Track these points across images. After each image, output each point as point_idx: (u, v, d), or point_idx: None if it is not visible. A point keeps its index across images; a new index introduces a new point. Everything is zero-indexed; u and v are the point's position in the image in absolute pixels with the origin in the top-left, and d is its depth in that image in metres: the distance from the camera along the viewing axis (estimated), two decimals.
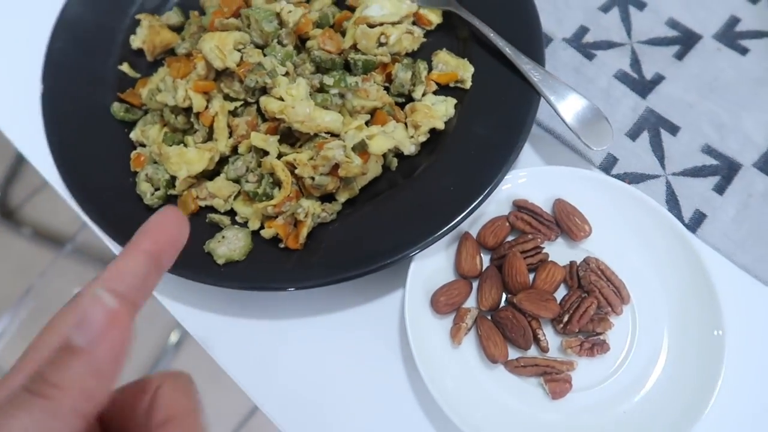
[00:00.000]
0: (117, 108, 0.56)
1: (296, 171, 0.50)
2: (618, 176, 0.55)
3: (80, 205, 0.52)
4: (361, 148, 0.50)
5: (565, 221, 0.51)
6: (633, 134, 0.57)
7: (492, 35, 0.55)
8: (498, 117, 0.53)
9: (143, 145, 0.55)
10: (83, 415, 0.22)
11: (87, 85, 0.58)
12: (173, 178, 0.52)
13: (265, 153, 0.51)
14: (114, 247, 0.53)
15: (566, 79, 0.59)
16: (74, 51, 0.58)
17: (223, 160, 0.53)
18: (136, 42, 0.59)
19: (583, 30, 0.62)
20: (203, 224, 0.52)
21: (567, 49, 0.60)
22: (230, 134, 0.53)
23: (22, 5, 0.67)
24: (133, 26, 0.60)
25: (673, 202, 0.54)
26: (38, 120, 0.56)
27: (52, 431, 0.22)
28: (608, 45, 0.61)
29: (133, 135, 0.55)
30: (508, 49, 0.54)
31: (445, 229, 0.49)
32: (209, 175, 0.53)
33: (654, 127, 0.57)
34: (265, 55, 0.53)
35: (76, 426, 0.22)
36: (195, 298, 0.53)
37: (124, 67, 0.59)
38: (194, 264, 0.49)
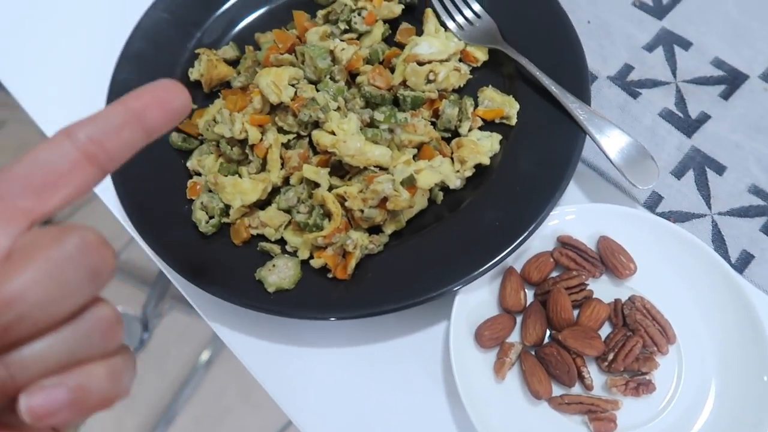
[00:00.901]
0: (175, 138, 0.59)
1: (346, 203, 0.51)
2: (663, 215, 0.56)
3: (139, 231, 0.54)
4: (409, 183, 0.51)
5: (609, 259, 0.52)
6: (678, 173, 0.57)
7: (538, 73, 0.56)
8: (543, 154, 0.54)
9: (199, 174, 0.57)
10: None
11: None
12: (227, 207, 0.54)
13: (316, 185, 0.53)
14: (171, 276, 0.55)
15: (611, 117, 0.60)
16: (137, 83, 0.61)
17: (274, 190, 0.55)
18: (194, 74, 0.62)
19: (628, 68, 0.62)
20: (255, 252, 0.54)
21: (612, 87, 0.61)
22: (282, 166, 0.55)
23: (91, 39, 0.71)
24: (192, 59, 0.63)
25: (719, 242, 0.54)
26: None
27: None
28: (653, 83, 0.61)
29: (190, 164, 0.57)
30: (553, 87, 0.55)
31: (490, 264, 0.50)
32: (261, 204, 0.55)
33: (700, 166, 0.57)
34: (318, 91, 0.56)
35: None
36: (241, 321, 0.55)
37: None
38: (245, 291, 0.51)
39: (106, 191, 0.60)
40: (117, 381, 0.24)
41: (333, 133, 0.53)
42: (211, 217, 0.54)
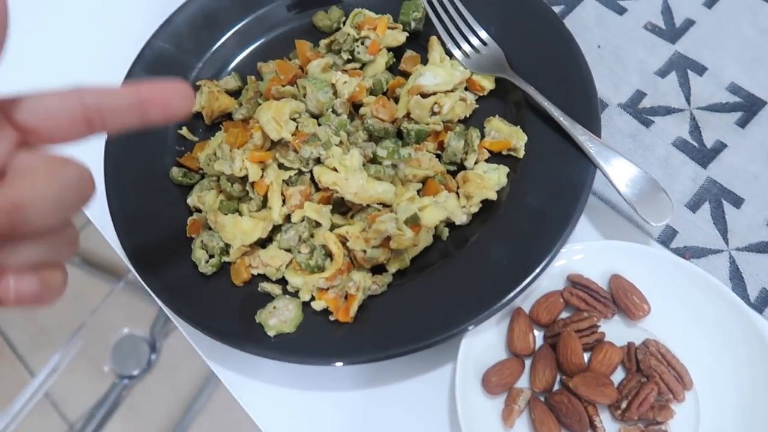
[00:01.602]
0: (176, 173, 0.58)
1: (348, 244, 0.50)
2: (678, 250, 0.53)
3: (137, 270, 0.53)
4: (413, 222, 0.50)
5: (622, 299, 0.50)
6: (693, 206, 0.55)
7: (546, 104, 0.54)
8: (552, 188, 0.52)
9: (199, 211, 0.56)
10: None
11: (148, 149, 0.59)
12: (227, 246, 0.53)
13: (318, 224, 0.51)
14: (171, 315, 0.54)
15: (622, 146, 0.58)
16: None
17: (276, 227, 0.54)
18: (195, 106, 0.61)
19: (640, 95, 0.60)
20: (255, 293, 0.52)
21: (623, 115, 0.59)
22: (284, 202, 0.54)
23: (90, 72, 0.70)
24: (193, 89, 0.62)
25: (737, 280, 0.52)
26: (99, 179, 0.58)
27: None
28: (666, 111, 0.59)
29: (190, 200, 0.56)
30: (562, 119, 0.53)
31: (497, 306, 0.48)
32: (262, 242, 0.54)
33: (716, 199, 0.55)
34: (319, 125, 0.54)
35: None
36: (241, 362, 0.53)
37: (184, 131, 0.60)
38: (245, 334, 0.50)
39: (106, 226, 0.59)
40: (64, 286, 0.30)
41: (335, 170, 0.52)
42: (211, 256, 0.53)
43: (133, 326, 1.42)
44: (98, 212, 0.60)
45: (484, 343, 0.50)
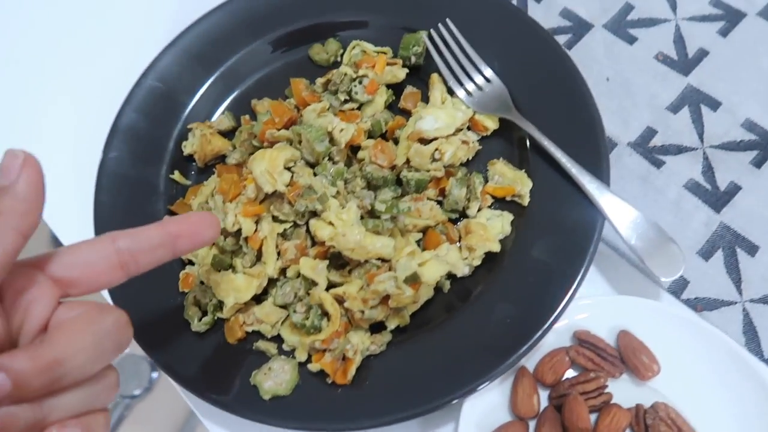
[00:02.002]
0: None
1: (345, 304, 0.48)
2: (689, 302, 0.51)
3: None
4: (413, 280, 0.48)
5: (630, 358, 0.48)
6: (706, 254, 0.53)
7: (552, 149, 0.52)
8: (558, 240, 0.50)
9: (192, 263, 0.54)
10: (21, 231, 0.29)
11: (139, 195, 0.58)
12: (221, 302, 0.51)
13: (314, 282, 0.49)
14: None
15: (632, 188, 0.56)
16: (128, 160, 0.58)
17: (270, 280, 0.52)
18: (187, 148, 0.59)
19: (651, 132, 0.58)
20: (250, 351, 0.51)
21: (633, 155, 0.57)
22: (279, 255, 0.52)
23: (79, 112, 0.68)
24: (186, 130, 0.60)
25: (751, 334, 0.50)
26: (89, 227, 0.56)
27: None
28: (678, 150, 0.57)
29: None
30: (569, 165, 0.51)
31: (500, 368, 0.46)
32: (257, 297, 0.52)
33: (729, 246, 0.52)
34: (315, 174, 0.52)
35: (18, 241, 0.29)
36: (236, 421, 0.52)
37: (176, 176, 0.59)
38: (240, 397, 0.48)
39: None
40: (107, 429, 0.31)
41: (332, 223, 0.50)
42: (204, 313, 0.52)
43: (133, 345, 1.40)
44: None
45: (486, 403, 0.48)
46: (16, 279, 0.30)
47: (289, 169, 0.52)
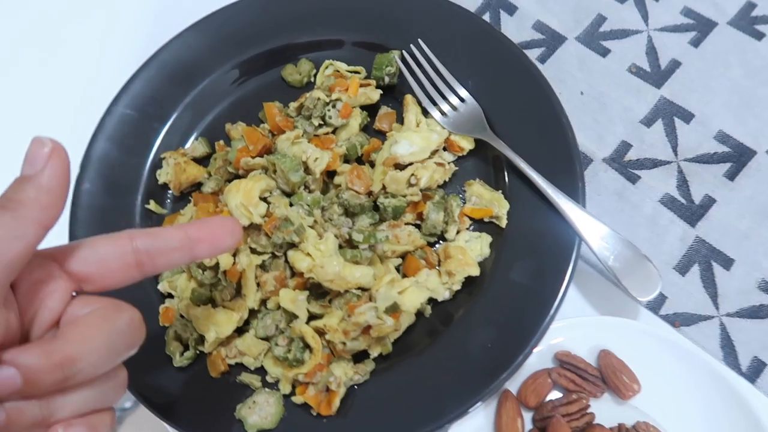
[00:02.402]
0: None
1: (326, 336, 0.48)
2: (667, 317, 0.52)
3: None
4: (393, 310, 0.48)
5: (612, 378, 0.48)
6: (682, 269, 0.53)
7: (527, 170, 0.52)
8: (536, 262, 0.50)
9: (171, 296, 0.54)
10: (42, 223, 0.29)
11: (115, 227, 0.55)
12: (202, 335, 0.51)
13: (295, 315, 0.49)
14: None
15: (608, 204, 0.56)
16: (101, 192, 0.57)
17: (251, 311, 0.52)
18: (162, 177, 0.58)
19: (626, 146, 0.58)
20: (233, 384, 0.51)
21: (608, 171, 0.57)
22: (258, 286, 0.52)
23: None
24: (159, 159, 0.59)
25: (728, 348, 0.51)
26: None
27: (20, 235, 0.27)
28: (653, 163, 0.57)
29: (161, 286, 0.54)
30: (544, 185, 0.51)
31: (483, 393, 0.47)
32: (238, 328, 0.52)
33: (705, 260, 0.53)
34: (291, 204, 0.52)
35: (38, 233, 0.28)
36: None
37: (151, 206, 0.58)
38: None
39: None
40: (112, 428, 0.31)
41: (310, 254, 0.50)
42: (185, 347, 0.51)
43: None
44: None
45: (472, 428, 0.49)
46: (32, 270, 0.29)
47: (264, 199, 0.52)
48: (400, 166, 0.53)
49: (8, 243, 0.27)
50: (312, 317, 0.50)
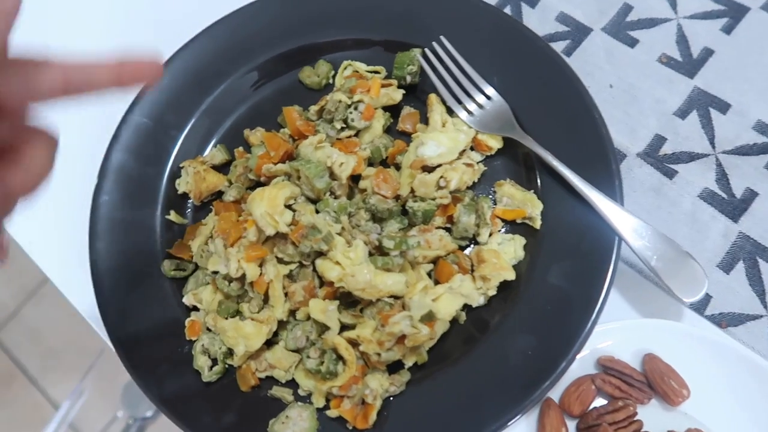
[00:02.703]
0: (167, 266, 0.54)
1: (360, 348, 0.46)
2: (713, 318, 0.50)
3: (136, 380, 0.50)
4: (428, 319, 0.46)
5: (659, 384, 0.46)
6: (726, 266, 0.51)
7: (561, 168, 0.50)
8: (575, 265, 0.48)
9: (197, 309, 0.52)
10: None
11: (136, 239, 0.55)
12: (230, 348, 0.49)
13: (326, 326, 0.47)
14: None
15: (645, 202, 0.54)
16: (120, 204, 0.56)
17: (280, 322, 0.50)
18: (181, 186, 0.57)
19: (660, 140, 0.56)
20: (264, 398, 0.49)
21: (643, 167, 0.55)
22: (286, 297, 0.50)
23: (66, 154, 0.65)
24: (177, 168, 0.58)
25: None
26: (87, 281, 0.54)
27: None
28: (689, 157, 0.55)
29: (186, 299, 0.52)
30: (579, 184, 0.49)
31: (525, 403, 0.45)
32: (266, 341, 0.50)
33: (750, 257, 0.51)
34: (317, 211, 0.50)
35: None
36: None
37: (172, 216, 0.56)
38: None
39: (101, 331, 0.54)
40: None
41: (339, 263, 0.48)
42: (213, 361, 0.50)
43: None
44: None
45: None
46: None
47: (289, 206, 0.50)
48: (427, 168, 0.51)
49: None
50: (343, 327, 0.48)
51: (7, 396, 1.56)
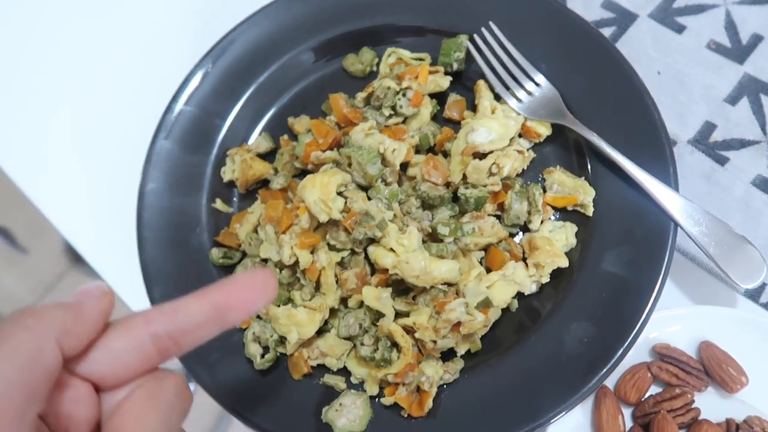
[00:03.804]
0: (215, 255, 0.54)
1: (416, 335, 0.46)
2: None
3: (187, 368, 0.50)
4: (484, 305, 0.46)
5: (716, 371, 0.46)
6: None
7: (613, 153, 0.49)
8: (630, 251, 0.48)
9: None
10: (59, 342, 0.25)
11: (182, 227, 0.55)
12: (282, 337, 0.49)
13: (380, 313, 0.47)
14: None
15: (696, 189, 0.53)
16: (166, 192, 0.56)
17: (331, 310, 0.50)
18: (227, 175, 0.57)
19: (710, 127, 0.55)
20: (317, 386, 0.49)
21: (694, 153, 0.54)
22: (337, 284, 0.50)
23: (115, 141, 0.65)
24: (222, 156, 0.58)
25: None
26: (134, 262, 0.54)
27: (32, 348, 0.24)
28: (741, 144, 0.54)
29: None
30: (634, 170, 0.49)
31: (582, 392, 0.45)
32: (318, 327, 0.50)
33: None
34: (369, 198, 0.50)
35: (53, 351, 0.24)
36: None
37: (218, 205, 0.56)
38: None
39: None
40: None
41: (392, 250, 0.48)
42: (265, 349, 0.50)
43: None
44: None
45: (568, 425, 0.47)
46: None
47: (340, 194, 0.50)
48: (478, 155, 0.51)
49: (29, 368, 0.24)
50: (396, 314, 0.48)
51: None
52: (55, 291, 1.69)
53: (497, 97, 0.55)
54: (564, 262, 0.48)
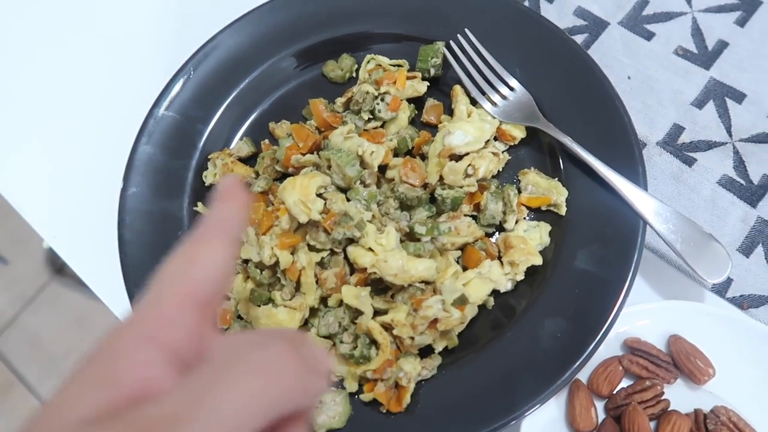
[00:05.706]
0: None
1: (394, 331, 0.47)
2: (734, 300, 0.51)
3: None
4: (461, 302, 0.47)
5: (684, 363, 0.47)
6: (746, 250, 0.52)
7: (584, 155, 0.51)
8: (601, 249, 0.49)
9: (228, 298, 0.53)
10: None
11: (164, 231, 0.56)
12: None
13: (359, 311, 0.48)
14: None
15: (665, 189, 0.55)
16: (147, 196, 0.57)
17: (311, 310, 0.51)
18: (208, 178, 0.57)
19: (678, 129, 0.57)
20: None
21: (663, 155, 0.56)
22: (317, 284, 0.51)
23: (94, 145, 0.66)
24: (203, 160, 0.59)
25: None
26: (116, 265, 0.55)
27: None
28: (707, 145, 0.56)
29: None
30: (604, 170, 0.50)
31: (556, 385, 0.46)
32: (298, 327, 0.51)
33: None
34: (348, 199, 0.51)
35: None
36: None
37: (200, 208, 0.57)
38: None
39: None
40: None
41: (371, 249, 0.49)
42: None
43: None
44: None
45: (543, 419, 0.48)
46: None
47: (320, 195, 0.51)
48: (455, 157, 0.52)
49: None
50: (375, 313, 0.49)
51: (5, 404, 1.55)
52: (35, 303, 1.68)
53: (473, 102, 0.57)
54: (538, 260, 0.50)
